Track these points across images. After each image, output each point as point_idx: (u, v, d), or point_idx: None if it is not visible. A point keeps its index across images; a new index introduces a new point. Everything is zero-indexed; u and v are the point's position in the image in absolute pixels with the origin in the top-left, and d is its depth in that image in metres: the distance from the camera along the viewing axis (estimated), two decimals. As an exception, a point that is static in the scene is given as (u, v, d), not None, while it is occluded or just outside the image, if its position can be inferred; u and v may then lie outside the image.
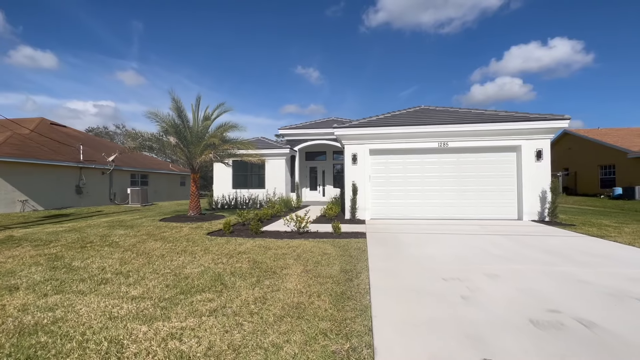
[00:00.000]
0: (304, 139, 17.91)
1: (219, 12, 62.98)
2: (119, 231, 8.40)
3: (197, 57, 73.57)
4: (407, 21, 76.42)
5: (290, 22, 66.83)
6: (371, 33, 73.73)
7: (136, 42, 70.10)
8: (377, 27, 73.86)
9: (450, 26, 74.14)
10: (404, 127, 10.14)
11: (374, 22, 73.91)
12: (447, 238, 7.13)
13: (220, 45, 72.13)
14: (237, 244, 6.68)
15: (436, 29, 74.63)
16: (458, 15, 72.18)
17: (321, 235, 7.65)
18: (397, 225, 9.05)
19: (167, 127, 10.08)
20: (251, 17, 65.05)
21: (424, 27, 75.17)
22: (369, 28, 73.45)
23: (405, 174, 10.57)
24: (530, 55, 76.55)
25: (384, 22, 74.15)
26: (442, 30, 74.40)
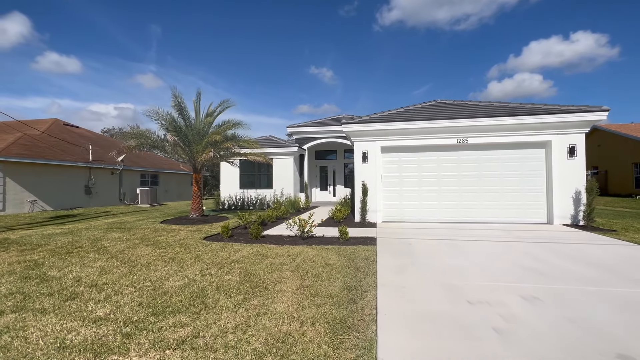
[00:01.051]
0: (313, 137, 17.22)
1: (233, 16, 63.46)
2: (114, 234, 7.95)
3: (212, 59, 74.45)
4: (421, 19, 74.53)
5: (303, 22, 66.49)
6: (385, 32, 72.38)
7: (154, 46, 71.55)
8: (391, 25, 72.45)
9: (466, 22, 71.82)
10: (419, 122, 9.30)
11: (388, 20, 72.47)
12: (469, 246, 6.29)
13: (234, 47, 72.82)
14: (233, 250, 6.06)
15: (452, 25, 72.49)
16: (475, 11, 69.82)
17: (326, 241, 6.94)
18: (411, 230, 8.24)
19: (167, 125, 9.61)
20: (264, 19, 65.24)
21: (439, 24, 73.16)
22: (383, 27, 72.11)
23: (420, 173, 9.72)
24: (551, 50, 73.37)
25: (398, 20, 72.63)
26: (457, 27, 72.19)
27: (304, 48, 75.62)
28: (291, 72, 78.70)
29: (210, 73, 73.57)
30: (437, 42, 73.18)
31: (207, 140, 9.49)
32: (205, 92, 47.83)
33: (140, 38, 69.15)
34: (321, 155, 19.29)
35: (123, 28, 64.23)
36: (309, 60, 79.44)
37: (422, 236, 7.32)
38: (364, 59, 76.27)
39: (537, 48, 74.90)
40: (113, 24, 61.34)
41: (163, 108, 10.04)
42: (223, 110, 10.84)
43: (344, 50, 74.82)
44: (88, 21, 59.99)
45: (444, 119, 9.17)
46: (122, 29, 64.34)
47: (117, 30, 63.10)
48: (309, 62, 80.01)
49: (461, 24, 72.00)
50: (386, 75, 78.13)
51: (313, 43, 73.79)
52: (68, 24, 61.69)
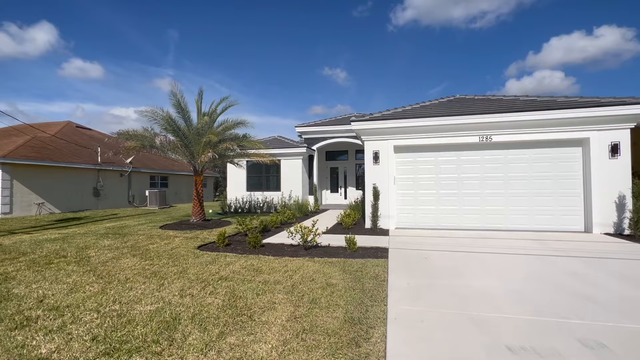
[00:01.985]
0: (323, 137, 16.46)
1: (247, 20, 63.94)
2: (106, 241, 7.44)
3: (227, 62, 75.22)
4: (436, 17, 72.61)
5: (317, 25, 66.09)
6: (398, 31, 70.91)
7: (172, 51, 72.92)
8: (405, 24, 70.93)
9: (483, 20, 69.46)
10: (436, 119, 8.40)
11: (402, 20, 71.02)
12: (498, 260, 5.38)
13: (249, 50, 73.51)
14: (225, 263, 5.38)
15: (467, 23, 70.27)
16: (492, 9, 67.40)
17: (332, 251, 6.17)
18: (427, 239, 7.36)
19: (164, 125, 9.08)
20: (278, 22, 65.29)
21: (454, 23, 71.06)
22: (397, 26, 70.70)
23: (438, 175, 8.81)
24: (573, 46, 70.10)
25: (412, 20, 71.05)
26: (474, 25, 69.90)
27: (318, 50, 75.25)
28: (305, 74, 78.47)
29: (227, 76, 74.40)
30: (452, 40, 71.15)
31: (206, 141, 8.90)
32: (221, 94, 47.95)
33: (159, 43, 70.72)
34: (332, 155, 18.52)
35: (143, 33, 66.01)
36: (323, 61, 79.02)
37: (441, 247, 6.44)
38: (378, 59, 75.12)
39: (558, 44, 71.79)
40: (133, 30, 63.12)
41: (164, 108, 9.52)
42: (226, 108, 10.25)
43: (357, 51, 73.89)
44: (110, 28, 61.98)
45: (465, 114, 8.24)
46: (142, 34, 66.14)
47: (137, 36, 64.84)
48: (322, 63, 79.65)
49: (477, 22, 69.74)
50: (401, 75, 76.62)
51: (327, 45, 73.37)
52: (92, 31, 63.81)
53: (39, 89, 72.02)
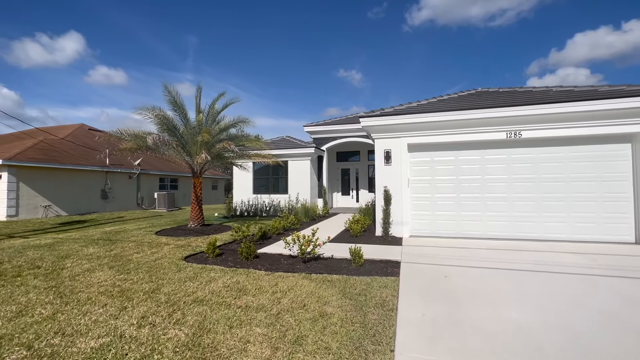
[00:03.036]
0: (333, 136, 15.62)
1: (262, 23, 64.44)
2: (91, 249, 6.87)
3: (243, 66, 76.25)
4: (453, 16, 70.63)
5: (331, 27, 65.80)
6: (414, 32, 69.45)
7: (191, 56, 74.45)
8: (421, 25, 69.42)
9: (502, 18, 66.93)
10: (456, 113, 7.41)
11: (417, 20, 69.51)
12: (535, 281, 4.38)
13: (264, 53, 74.07)
14: (207, 279, 4.63)
15: (486, 22, 67.93)
16: (512, 6, 64.85)
17: (334, 265, 5.33)
18: (446, 250, 6.38)
19: (158, 122, 8.49)
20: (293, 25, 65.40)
21: (472, 21, 68.90)
22: (412, 27, 69.25)
23: (458, 176, 7.79)
24: (600, 41, 66.51)
25: (428, 20, 69.40)
26: (492, 23, 67.50)
27: (333, 52, 74.88)
28: (320, 76, 78.23)
29: (243, 80, 75.39)
30: (470, 39, 68.92)
31: (201, 140, 8.24)
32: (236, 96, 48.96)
33: (178, 49, 72.70)
34: (343, 156, 17.64)
35: (163, 40, 68.24)
36: (338, 63, 78.50)
37: (463, 261, 5.46)
38: (394, 60, 73.85)
39: (583, 40, 68.29)
40: (154, 37, 65.32)
41: (162, 107, 8.94)
42: (226, 106, 9.58)
43: (372, 53, 72.94)
44: (133, 35, 64.25)
45: (490, 107, 7.20)
46: (162, 40, 68.41)
47: (158, 42, 66.94)
48: (337, 65, 79.17)
49: (496, 20, 67.29)
50: (416, 75, 74.92)
51: (342, 46, 72.96)
52: (116, 39, 66.31)
53: (66, 95, 75.83)
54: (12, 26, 59.06)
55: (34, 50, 67.77)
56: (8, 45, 61.11)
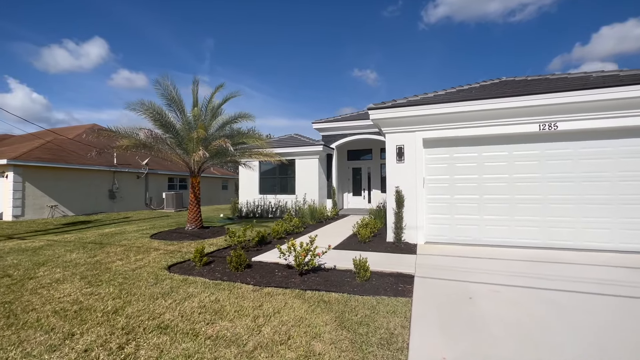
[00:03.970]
0: (343, 133, 14.78)
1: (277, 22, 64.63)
2: (74, 255, 6.34)
3: (257, 67, 76.90)
4: (470, 13, 68.29)
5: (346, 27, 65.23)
6: (430, 29, 67.69)
7: (208, 58, 75.65)
8: (437, 22, 67.57)
9: (523, 13, 64.14)
10: (480, 102, 6.45)
11: (434, 17, 67.67)
12: (581, 306, 3.44)
13: (278, 54, 74.38)
14: (183, 296, 3.93)
15: (505, 17, 65.26)
16: (533, 0, 62.00)
17: (335, 280, 4.53)
18: (469, 260, 5.47)
19: (150, 116, 7.91)
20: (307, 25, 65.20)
21: (491, 17, 66.39)
22: (428, 24, 67.49)
23: (482, 175, 6.84)
24: (628, 34, 62.74)
25: (445, 17, 67.42)
26: (512, 19, 64.74)
27: (348, 52, 74.18)
28: (334, 76, 77.52)
29: (257, 80, 76.04)
30: (488, 36, 66.46)
31: (197, 137, 7.60)
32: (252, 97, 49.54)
33: (195, 51, 74.12)
34: (354, 155, 16.76)
35: (181, 43, 70.00)
36: (352, 63, 77.60)
37: (489, 276, 4.55)
38: (409, 58, 72.22)
39: (609, 34, 64.61)
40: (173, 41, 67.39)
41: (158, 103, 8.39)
42: (226, 99, 8.94)
43: (388, 51, 71.57)
44: (153, 40, 66.42)
45: (522, 94, 6.21)
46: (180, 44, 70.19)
47: (176, 46, 68.84)
48: (352, 65, 78.27)
49: (516, 15, 64.55)
50: (433, 74, 72.97)
51: (356, 46, 72.16)
52: (138, 44, 68.21)
53: (91, 98, 78.97)
54: (41, 33, 61.88)
55: (61, 56, 70.65)
56: (38, 51, 63.91)
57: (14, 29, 56.21)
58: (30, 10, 54.11)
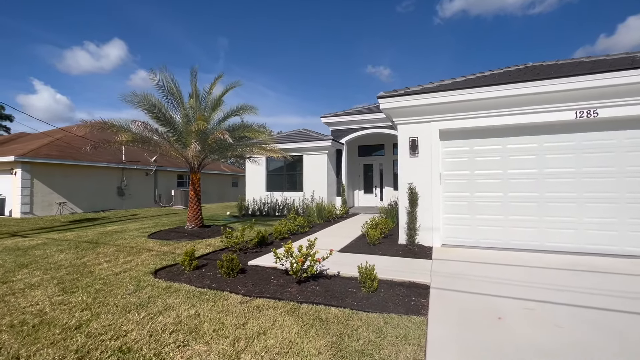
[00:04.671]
0: (354, 127, 14.09)
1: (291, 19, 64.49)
2: (62, 256, 5.97)
3: (272, 65, 77.30)
4: (487, 6, 65.88)
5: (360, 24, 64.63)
6: (446, 24, 65.91)
7: (222, 57, 76.46)
8: (453, 16, 65.71)
9: (543, 4, 61.33)
10: (507, 87, 5.68)
11: (449, 11, 65.74)
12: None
13: (292, 52, 74.25)
14: (159, 309, 3.41)
15: (525, 10, 62.60)
16: None
17: (336, 290, 3.93)
18: (493, 268, 4.76)
19: (147, 110, 7.48)
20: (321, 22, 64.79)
21: (509, 10, 63.82)
22: (444, 19, 65.64)
23: (506, 170, 6.07)
24: (658, 23, 58.84)
25: (461, 10, 65.41)
26: (532, 11, 62.05)
27: (361, 49, 73.34)
28: (348, 73, 76.75)
29: (271, 79, 76.35)
30: (507, 29, 63.98)
31: (196, 129, 7.11)
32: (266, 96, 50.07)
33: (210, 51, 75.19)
34: (365, 150, 16.03)
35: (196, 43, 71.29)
36: (366, 59, 76.61)
37: (520, 288, 3.84)
38: (424, 54, 70.64)
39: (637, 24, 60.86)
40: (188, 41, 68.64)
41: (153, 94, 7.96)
42: (226, 90, 8.43)
43: (402, 47, 70.33)
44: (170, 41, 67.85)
45: (554, 77, 5.41)
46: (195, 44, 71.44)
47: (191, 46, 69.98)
48: (365, 61, 77.19)
49: (536, 7, 61.77)
50: (448, 70, 71.30)
51: (370, 42, 71.22)
52: (155, 45, 69.64)
53: (111, 98, 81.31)
54: (64, 36, 63.78)
55: (83, 57, 72.55)
56: (61, 54, 65.87)
57: (39, 32, 58.43)
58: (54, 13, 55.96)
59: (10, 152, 14.11)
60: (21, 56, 62.46)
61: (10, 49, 60.07)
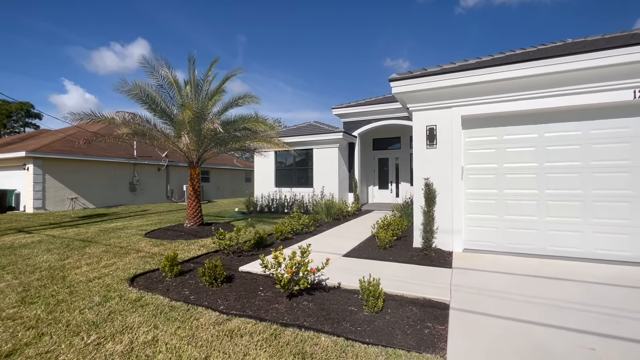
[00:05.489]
0: (367, 119, 13.21)
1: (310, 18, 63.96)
2: (45, 257, 5.57)
3: (289, 60, 77.25)
4: None
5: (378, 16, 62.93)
6: (468, 13, 62.97)
7: (241, 54, 77.05)
8: (475, 5, 62.60)
9: None
10: (548, 62, 4.72)
11: (471, 0, 62.69)
12: None
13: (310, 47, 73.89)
14: (115, 331, 2.83)
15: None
16: None
17: (333, 308, 3.23)
18: (529, 282, 3.90)
19: (138, 100, 6.99)
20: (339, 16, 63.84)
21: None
22: (466, 8, 62.79)
23: (543, 162, 5.12)
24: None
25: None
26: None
27: (379, 42, 71.68)
28: (366, 66, 75.20)
29: (289, 74, 76.37)
30: (534, 17, 60.20)
31: (188, 119, 6.54)
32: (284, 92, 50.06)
33: (229, 48, 75.95)
34: (380, 143, 15.13)
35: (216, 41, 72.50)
36: (385, 52, 74.81)
37: (569, 315, 2.99)
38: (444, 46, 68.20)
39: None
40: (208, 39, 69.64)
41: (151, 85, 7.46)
42: (227, 78, 7.82)
43: (421, 39, 68.16)
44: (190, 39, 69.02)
45: (610, 48, 4.42)
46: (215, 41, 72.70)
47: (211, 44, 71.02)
48: (384, 54, 75.39)
49: (567, -10, 57.66)
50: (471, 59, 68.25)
51: (389, 35, 69.57)
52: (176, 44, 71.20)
53: None
54: (92, 38, 66.06)
55: (109, 58, 74.60)
56: (89, 55, 68.15)
57: (69, 34, 60.63)
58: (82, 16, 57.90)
59: (23, 147, 14.22)
60: (53, 58, 65.16)
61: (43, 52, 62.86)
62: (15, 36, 57.55)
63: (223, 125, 7.34)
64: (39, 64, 64.07)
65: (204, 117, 7.25)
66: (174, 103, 7.58)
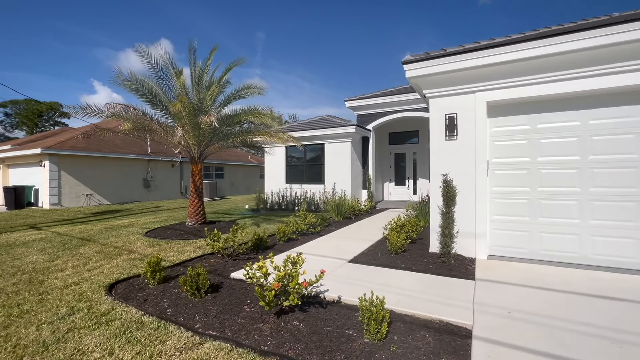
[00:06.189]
0: (382, 112, 12.46)
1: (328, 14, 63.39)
2: (35, 257, 5.33)
3: (307, 56, 77.06)
4: None
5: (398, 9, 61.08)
6: (492, 3, 59.99)
7: (260, 51, 77.36)
8: None
9: None
10: (597, 32, 3.91)
11: None
12: None
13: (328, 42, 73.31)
14: (65, 356, 2.39)
15: None
16: None
17: (328, 332, 2.66)
18: (572, 300, 3.17)
19: (134, 91, 6.63)
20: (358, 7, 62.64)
21: None
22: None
23: (587, 155, 4.31)
24: None
25: None
26: None
27: (399, 35, 69.78)
28: (385, 61, 73.62)
29: (307, 70, 76.41)
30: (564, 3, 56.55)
31: (186, 114, 6.12)
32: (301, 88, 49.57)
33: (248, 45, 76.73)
34: (397, 138, 14.32)
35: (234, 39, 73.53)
36: (404, 47, 72.90)
37: (633, 347, 2.29)
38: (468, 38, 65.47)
39: None
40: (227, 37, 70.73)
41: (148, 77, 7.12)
42: (228, 69, 7.37)
43: (443, 32, 66.08)
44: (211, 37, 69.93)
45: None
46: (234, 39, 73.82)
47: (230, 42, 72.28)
48: (403, 48, 73.48)
49: (603, -31, 53.46)
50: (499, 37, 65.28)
51: (408, 29, 67.75)
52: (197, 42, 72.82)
53: None
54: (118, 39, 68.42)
55: (134, 58, 77.04)
56: (115, 56, 70.54)
57: (98, 37, 62.96)
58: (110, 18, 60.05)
59: (42, 145, 14.47)
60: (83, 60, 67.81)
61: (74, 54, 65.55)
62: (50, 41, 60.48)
63: (224, 118, 6.88)
64: (70, 67, 66.85)
65: (203, 109, 6.82)
66: (174, 95, 7.20)
